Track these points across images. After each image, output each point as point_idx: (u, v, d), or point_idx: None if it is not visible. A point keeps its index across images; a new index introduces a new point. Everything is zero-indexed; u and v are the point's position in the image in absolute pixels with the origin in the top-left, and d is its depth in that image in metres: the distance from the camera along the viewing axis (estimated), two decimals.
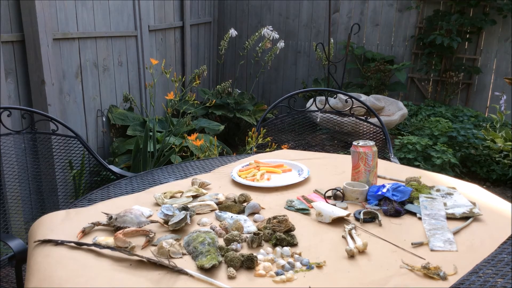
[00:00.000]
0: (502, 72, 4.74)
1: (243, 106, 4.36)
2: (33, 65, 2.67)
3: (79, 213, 1.30)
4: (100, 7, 3.31)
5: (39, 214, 1.82)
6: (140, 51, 3.81)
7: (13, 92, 2.62)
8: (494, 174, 3.61)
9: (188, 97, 2.68)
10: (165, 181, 1.60)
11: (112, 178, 2.00)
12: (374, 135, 2.35)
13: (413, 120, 4.56)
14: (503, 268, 1.04)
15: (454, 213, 1.30)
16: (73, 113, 3.12)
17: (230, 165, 1.77)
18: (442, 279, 0.98)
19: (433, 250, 1.11)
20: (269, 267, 1.02)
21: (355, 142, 1.48)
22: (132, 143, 3.24)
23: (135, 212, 1.23)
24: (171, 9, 4.37)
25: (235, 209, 1.34)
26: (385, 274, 1.01)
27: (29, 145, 1.96)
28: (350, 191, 1.40)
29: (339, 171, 1.67)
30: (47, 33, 2.69)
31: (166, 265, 1.01)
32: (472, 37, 4.79)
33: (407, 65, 4.83)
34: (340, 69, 4.80)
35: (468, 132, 3.77)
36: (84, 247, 1.10)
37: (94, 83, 3.32)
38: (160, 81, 4.08)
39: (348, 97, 2.26)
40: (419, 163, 3.48)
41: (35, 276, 1.00)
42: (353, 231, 1.18)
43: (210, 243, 1.07)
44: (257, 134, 2.28)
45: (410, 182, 1.49)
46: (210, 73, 5.43)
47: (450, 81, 4.87)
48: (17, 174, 1.97)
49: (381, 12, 5.12)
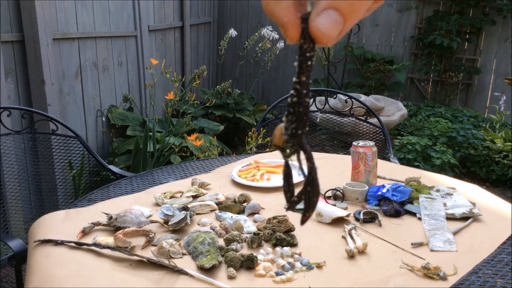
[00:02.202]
0: (501, 72, 4.75)
1: (243, 106, 4.36)
2: (33, 65, 2.67)
3: (79, 213, 1.30)
4: (100, 7, 3.31)
5: (39, 214, 1.82)
6: (140, 51, 3.81)
7: (13, 92, 2.62)
8: (494, 175, 3.61)
9: (188, 97, 2.68)
10: (165, 181, 1.60)
11: (112, 178, 2.00)
12: (373, 135, 2.35)
13: (412, 121, 4.57)
14: (502, 268, 1.04)
15: (454, 214, 1.30)
16: (73, 113, 3.12)
17: (230, 165, 1.77)
18: (442, 279, 0.98)
19: (433, 250, 1.11)
20: (269, 267, 1.02)
21: (355, 142, 1.48)
22: (132, 143, 3.24)
23: (135, 212, 1.23)
24: (171, 9, 4.37)
25: (235, 209, 1.34)
26: (385, 274, 1.01)
27: (29, 145, 1.96)
28: (350, 191, 1.40)
29: (339, 171, 1.67)
30: (47, 33, 2.69)
31: (166, 265, 1.01)
32: (471, 37, 4.79)
33: (406, 65, 4.84)
34: (339, 69, 4.80)
35: (468, 133, 3.78)
36: (84, 247, 1.10)
37: (94, 83, 3.32)
38: (160, 81, 4.08)
39: (348, 97, 2.26)
40: (418, 164, 3.49)
41: (35, 276, 1.00)
42: (353, 231, 1.18)
43: (210, 243, 1.07)
44: (257, 134, 2.28)
45: (410, 182, 1.49)
46: (210, 73, 5.43)
47: (449, 81, 4.87)
48: (17, 174, 1.97)
49: (381, 12, 5.13)
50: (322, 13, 0.31)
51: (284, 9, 0.32)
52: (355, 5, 0.31)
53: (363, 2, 0.31)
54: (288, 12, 0.32)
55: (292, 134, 0.35)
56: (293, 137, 0.35)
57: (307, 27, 0.32)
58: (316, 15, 0.31)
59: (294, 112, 0.34)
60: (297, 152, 0.36)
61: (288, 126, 0.35)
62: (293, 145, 0.35)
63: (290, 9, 0.32)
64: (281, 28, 0.33)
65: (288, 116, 0.35)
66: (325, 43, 0.32)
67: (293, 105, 0.34)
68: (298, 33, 0.32)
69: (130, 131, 3.39)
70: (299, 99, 0.34)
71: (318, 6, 0.31)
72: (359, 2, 0.31)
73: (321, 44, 0.32)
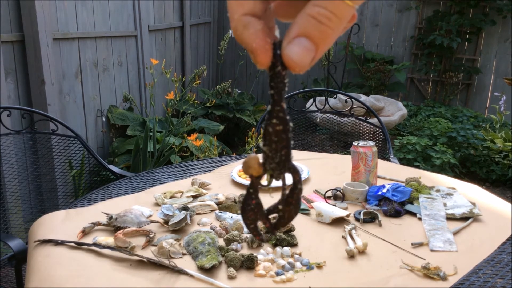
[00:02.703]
0: (501, 72, 4.75)
1: (243, 106, 4.36)
2: (33, 65, 2.67)
3: (79, 213, 1.30)
4: (100, 7, 3.31)
5: (39, 214, 1.82)
6: (140, 51, 3.81)
7: (13, 92, 2.62)
8: (494, 175, 3.61)
9: (188, 97, 2.68)
10: (165, 181, 1.60)
11: (112, 178, 2.00)
12: (374, 135, 2.35)
13: (412, 121, 4.57)
14: (502, 269, 1.04)
15: (454, 214, 1.30)
16: (73, 113, 3.12)
17: (230, 165, 1.77)
18: (442, 279, 0.98)
19: (433, 250, 1.11)
20: (269, 267, 1.02)
21: (355, 143, 1.48)
22: (132, 143, 3.24)
23: (135, 212, 1.23)
24: (171, 9, 4.37)
25: (235, 209, 1.34)
26: (385, 274, 1.01)
27: (29, 145, 1.96)
28: (350, 191, 1.40)
29: (339, 171, 1.67)
30: (47, 33, 2.68)
31: (166, 265, 1.01)
32: (471, 37, 4.79)
33: (406, 65, 4.84)
34: (339, 69, 4.80)
35: (468, 133, 3.78)
36: (84, 247, 1.09)
37: (94, 83, 3.32)
38: (160, 81, 4.08)
39: (348, 97, 2.26)
40: (418, 164, 3.49)
41: (35, 276, 1.00)
42: (353, 231, 1.18)
43: (210, 243, 1.07)
44: (257, 134, 2.28)
45: (410, 182, 1.49)
46: (210, 73, 5.43)
47: (449, 81, 4.87)
48: (17, 174, 1.97)
49: (381, 13, 5.13)
50: (294, 41, 0.31)
51: (253, 35, 0.32)
52: (326, 32, 0.31)
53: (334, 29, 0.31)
54: (257, 38, 0.32)
55: (281, 161, 0.34)
56: (283, 163, 0.34)
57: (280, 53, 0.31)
58: (288, 43, 0.31)
59: (279, 140, 0.34)
60: (283, 175, 0.36)
61: (273, 155, 0.34)
62: (282, 171, 0.35)
63: (259, 35, 0.32)
64: (251, 54, 0.32)
65: (272, 145, 0.34)
66: (298, 71, 0.32)
67: (278, 133, 0.33)
68: (268, 58, 0.32)
69: (130, 131, 3.39)
70: (285, 126, 0.33)
71: (289, 34, 0.31)
72: (331, 29, 0.30)
73: (293, 72, 0.32)
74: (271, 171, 0.35)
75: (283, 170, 0.35)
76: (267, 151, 0.34)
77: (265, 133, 0.34)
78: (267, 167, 0.35)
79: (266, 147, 0.34)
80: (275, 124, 0.33)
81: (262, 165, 0.35)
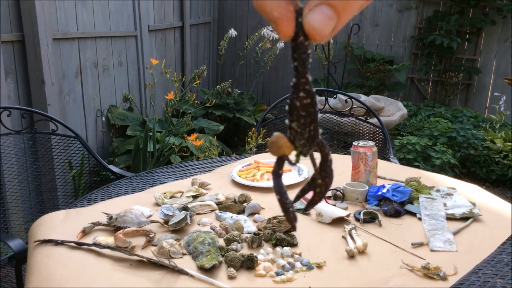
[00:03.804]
0: (501, 72, 4.75)
1: (243, 106, 4.36)
2: (33, 65, 2.67)
3: (79, 213, 1.30)
4: (100, 7, 3.31)
5: (39, 214, 1.82)
6: (140, 51, 3.81)
7: (13, 92, 2.62)
8: (494, 175, 3.61)
9: (188, 97, 2.68)
10: (165, 181, 1.60)
11: (112, 178, 2.00)
12: (373, 135, 2.35)
13: (412, 121, 4.56)
14: (502, 269, 1.04)
15: (454, 214, 1.30)
16: (73, 113, 3.12)
17: (230, 165, 1.77)
18: (442, 280, 0.98)
19: (433, 251, 1.11)
20: (269, 267, 1.02)
21: (355, 143, 1.48)
22: (132, 143, 3.24)
23: (135, 212, 1.23)
24: (171, 9, 4.37)
25: (235, 209, 1.34)
26: (385, 274, 1.01)
27: (28, 145, 1.96)
28: (350, 191, 1.40)
29: (339, 171, 1.67)
30: (47, 33, 2.68)
31: (166, 265, 1.01)
32: (471, 37, 4.79)
33: (406, 65, 4.83)
34: (339, 69, 4.80)
35: (468, 133, 3.78)
36: (84, 247, 1.10)
37: (93, 83, 3.32)
38: (160, 81, 4.08)
39: (348, 97, 2.26)
40: (418, 164, 3.49)
41: (35, 276, 1.00)
42: (353, 231, 1.18)
43: (210, 243, 1.07)
44: (257, 134, 2.28)
45: (410, 182, 1.49)
46: (210, 73, 5.43)
47: (449, 81, 4.87)
48: (17, 174, 1.97)
49: (381, 13, 5.12)
50: (315, 8, 0.30)
51: (275, 4, 0.30)
52: (349, 1, 0.30)
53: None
54: (279, 7, 0.30)
55: (310, 136, 0.33)
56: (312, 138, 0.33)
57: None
58: (309, 10, 0.30)
59: (308, 114, 0.32)
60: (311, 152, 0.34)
61: (302, 131, 0.33)
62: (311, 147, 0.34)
63: (281, 3, 0.30)
64: (273, 23, 0.31)
65: (301, 120, 0.32)
66: (318, 40, 0.31)
67: (306, 106, 0.32)
68: (291, 28, 0.31)
69: (130, 131, 3.39)
70: (312, 99, 0.32)
71: (310, 2, 0.30)
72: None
73: (314, 41, 0.31)
74: (300, 147, 0.34)
75: (312, 145, 0.34)
76: (296, 127, 0.33)
77: (291, 108, 0.32)
78: (297, 144, 0.34)
79: (294, 123, 0.33)
80: (302, 98, 0.32)
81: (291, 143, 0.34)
